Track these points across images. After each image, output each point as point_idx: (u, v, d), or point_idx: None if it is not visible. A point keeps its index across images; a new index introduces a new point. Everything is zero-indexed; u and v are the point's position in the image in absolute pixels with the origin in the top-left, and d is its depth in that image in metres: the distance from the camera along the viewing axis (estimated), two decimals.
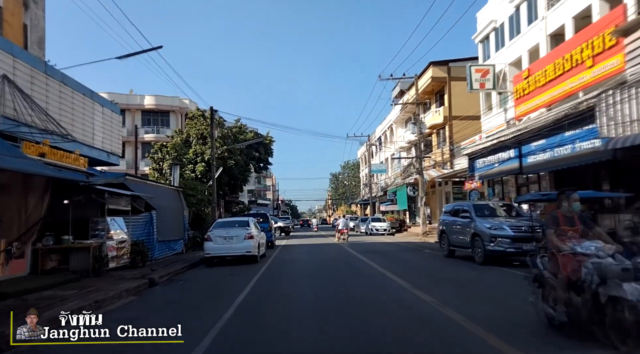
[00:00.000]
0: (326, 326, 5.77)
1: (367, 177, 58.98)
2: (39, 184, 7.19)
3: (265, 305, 7.52)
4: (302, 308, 7.09)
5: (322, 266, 13.28)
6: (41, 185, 7.21)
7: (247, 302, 7.69)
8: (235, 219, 16.45)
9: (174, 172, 21.37)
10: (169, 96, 44.71)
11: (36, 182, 7.14)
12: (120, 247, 12.93)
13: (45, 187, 7.19)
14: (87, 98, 13.50)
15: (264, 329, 5.81)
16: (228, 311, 6.87)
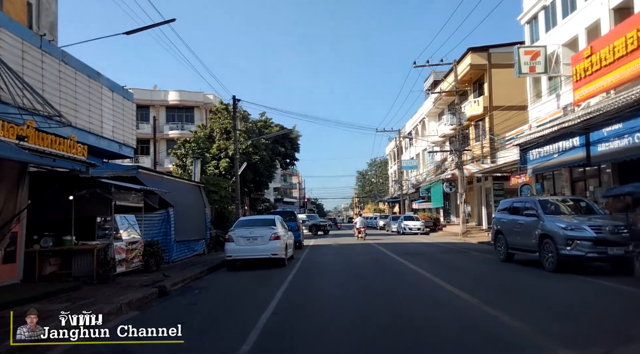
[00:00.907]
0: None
1: (397, 174, 56.75)
2: (11, 174, 5.58)
3: (296, 329, 5.74)
4: (344, 335, 5.28)
5: (360, 273, 11.42)
6: (13, 175, 5.60)
7: (273, 324, 5.92)
8: (260, 218, 14.75)
9: (195, 167, 19.89)
10: (193, 92, 43.75)
11: (7, 172, 5.52)
12: (131, 249, 11.41)
13: (18, 178, 5.56)
14: (93, 81, 12.03)
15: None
16: (248, 340, 5.12)
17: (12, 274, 8.69)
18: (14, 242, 8.75)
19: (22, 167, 5.86)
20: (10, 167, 5.81)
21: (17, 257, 8.82)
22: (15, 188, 5.80)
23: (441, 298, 7.45)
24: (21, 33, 9.04)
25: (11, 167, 5.82)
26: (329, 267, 12.58)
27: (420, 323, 5.70)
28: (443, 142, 39.61)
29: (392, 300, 7.39)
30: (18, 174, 5.87)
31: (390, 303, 7.12)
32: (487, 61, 31.11)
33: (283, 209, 37.50)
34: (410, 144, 51.33)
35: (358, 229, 27.26)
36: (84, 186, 10.24)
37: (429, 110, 42.48)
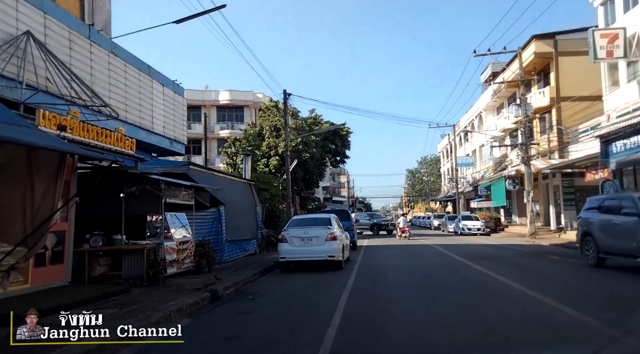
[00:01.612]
0: None
1: (451, 172, 54.40)
2: (49, 167, 4.96)
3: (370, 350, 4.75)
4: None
5: (428, 277, 10.27)
6: (52, 169, 4.97)
7: (342, 344, 4.95)
8: (315, 217, 13.87)
9: (245, 164, 19.33)
10: (243, 91, 43.91)
11: (45, 165, 4.90)
12: (182, 249, 10.84)
13: (56, 172, 4.93)
14: (143, 74, 11.59)
15: None
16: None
17: (60, 275, 8.27)
18: (62, 241, 8.34)
19: (61, 160, 5.24)
20: (48, 160, 5.21)
21: (65, 257, 8.40)
22: (53, 182, 5.19)
23: (545, 315, 6.18)
24: (68, 21, 8.62)
25: (49, 160, 5.21)
26: (392, 271, 11.47)
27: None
28: (503, 137, 37.28)
29: (478, 317, 6.22)
30: (56, 167, 5.25)
31: (477, 320, 5.96)
32: (554, 49, 28.70)
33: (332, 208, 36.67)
34: (466, 140, 48.98)
35: (401, 228, 27.75)
36: (134, 182, 9.75)
37: (487, 103, 40.19)
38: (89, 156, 6.12)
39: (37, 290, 7.56)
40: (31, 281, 7.53)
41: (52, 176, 5.32)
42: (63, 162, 5.35)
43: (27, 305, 6.29)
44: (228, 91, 43.24)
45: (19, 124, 5.12)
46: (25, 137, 4.57)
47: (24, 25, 7.29)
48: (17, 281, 7.35)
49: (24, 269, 7.47)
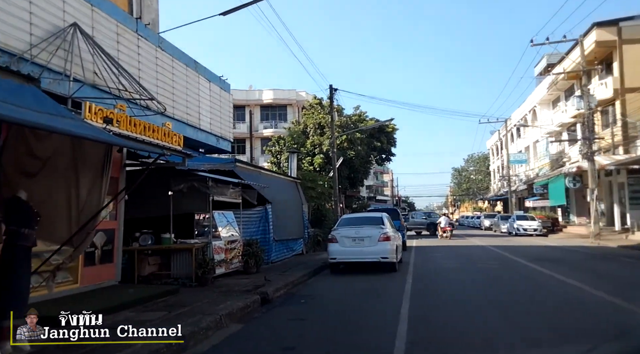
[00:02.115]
0: None
1: (501, 170, 52.10)
2: (94, 162, 4.62)
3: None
4: None
5: (494, 282, 9.43)
6: (97, 163, 4.63)
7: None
8: (366, 216, 13.20)
9: (290, 162, 18.94)
10: (286, 90, 43.87)
11: (90, 159, 4.57)
12: (230, 249, 10.51)
13: (102, 167, 4.58)
14: (190, 70, 11.35)
15: None
16: None
17: (109, 275, 8.08)
18: (111, 240, 8.15)
19: (106, 154, 4.91)
20: (93, 154, 4.88)
21: (115, 256, 8.20)
22: (99, 178, 4.86)
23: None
24: (116, 14, 8.43)
25: (95, 154, 4.89)
26: (452, 275, 10.66)
27: None
28: (560, 132, 35.14)
29: (574, 331, 5.40)
30: (102, 161, 4.91)
31: (580, 336, 5.16)
32: (617, 37, 26.61)
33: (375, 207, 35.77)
34: (518, 136, 46.69)
35: (443, 228, 27.67)
36: (181, 179, 9.49)
37: (542, 97, 38.00)
38: (135, 149, 5.78)
39: (86, 290, 7.37)
40: (81, 280, 7.34)
41: (98, 171, 4.99)
42: (109, 157, 5.02)
43: (76, 306, 6.06)
44: (272, 90, 43.32)
45: (63, 115, 4.82)
46: (68, 127, 4.23)
47: (71, 17, 7.11)
48: (66, 280, 7.20)
49: (74, 268, 7.31)
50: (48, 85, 6.72)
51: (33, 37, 6.49)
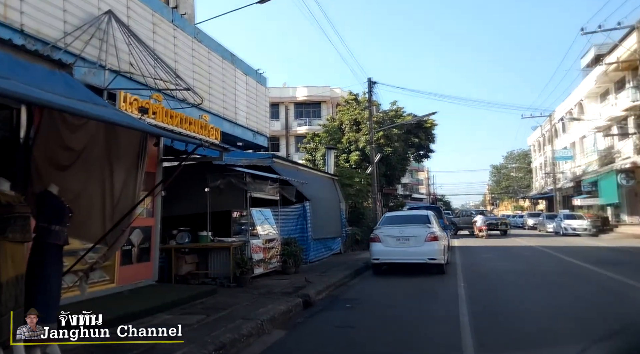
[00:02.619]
0: None
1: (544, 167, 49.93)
2: (128, 152, 4.21)
3: None
4: None
5: (555, 287, 8.59)
6: (131, 155, 4.23)
7: None
8: (411, 214, 12.49)
9: (328, 158, 18.41)
10: (320, 86, 43.36)
11: (124, 150, 4.17)
12: (268, 248, 10.09)
13: (137, 159, 4.17)
14: (227, 62, 10.99)
15: None
16: None
17: (146, 274, 7.77)
18: (148, 238, 7.85)
19: (141, 145, 4.50)
20: (128, 144, 4.49)
21: (152, 254, 7.89)
22: (134, 170, 4.47)
23: None
24: (151, 3, 8.12)
25: (129, 144, 4.49)
26: (507, 278, 9.88)
27: None
28: (609, 127, 33.16)
29: None
30: (137, 153, 4.51)
31: None
32: None
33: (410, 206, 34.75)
34: (563, 132, 44.50)
35: (479, 228, 27.14)
36: (218, 175, 9.12)
37: (589, 90, 35.94)
38: (172, 139, 5.38)
39: (123, 290, 7.07)
40: (117, 280, 7.05)
41: (133, 164, 4.60)
42: (144, 149, 4.62)
43: (111, 307, 5.73)
44: (306, 87, 42.92)
45: (97, 103, 4.44)
46: (102, 113, 3.84)
47: (106, 5, 6.81)
48: (103, 280, 6.92)
49: (110, 267, 7.02)
50: (83, 76, 6.44)
51: (67, 25, 6.21)
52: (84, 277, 4.56)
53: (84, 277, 4.56)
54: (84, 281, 4.55)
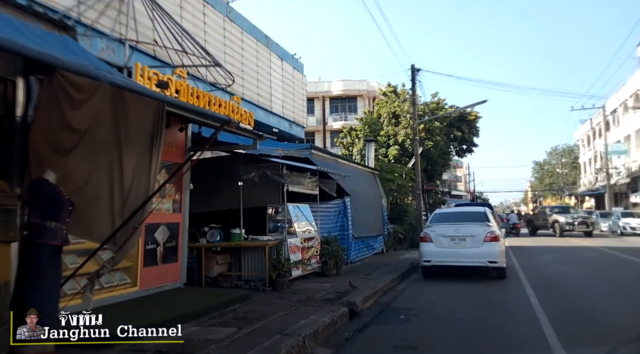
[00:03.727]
0: None
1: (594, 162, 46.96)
2: (141, 131, 3.32)
3: None
4: None
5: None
6: (144, 133, 3.32)
7: None
8: (466, 210, 11.24)
9: (368, 151, 17.32)
10: (356, 80, 42.21)
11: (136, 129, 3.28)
12: (307, 247, 9.15)
13: (151, 139, 3.26)
14: (261, 45, 10.11)
15: None
16: None
17: (173, 276, 6.97)
18: (175, 236, 7.04)
19: (156, 126, 3.61)
20: (140, 123, 3.60)
21: (179, 254, 7.08)
22: (147, 155, 3.57)
23: None
24: None
25: (142, 121, 3.60)
26: (577, 284, 8.59)
27: None
28: None
29: None
30: (151, 133, 3.61)
31: None
32: None
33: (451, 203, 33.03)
34: (615, 124, 41.54)
35: (512, 225, 26.25)
36: (251, 167, 8.24)
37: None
38: (193, 114, 4.43)
39: (147, 294, 6.29)
40: (140, 283, 6.27)
41: (146, 147, 3.73)
42: (160, 129, 3.72)
43: (129, 316, 4.91)
44: (341, 81, 41.90)
45: (102, 69, 3.58)
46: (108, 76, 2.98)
47: None
48: (124, 283, 6.15)
49: (132, 269, 6.25)
50: (100, 52, 5.65)
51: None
52: (89, 285, 3.72)
53: (89, 285, 3.72)
54: (89, 289, 3.71)
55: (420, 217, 18.18)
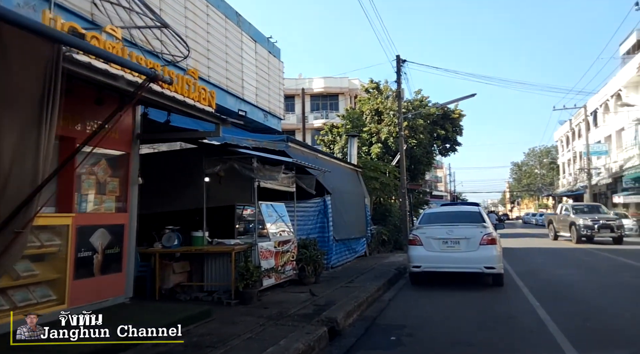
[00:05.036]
0: None
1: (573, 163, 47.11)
2: (25, 91, 2.10)
3: None
4: None
5: None
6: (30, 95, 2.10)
7: None
8: (458, 210, 10.20)
9: (350, 147, 16.27)
10: (338, 78, 41.39)
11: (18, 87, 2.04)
12: (282, 252, 8.00)
13: (40, 102, 2.05)
14: (231, 23, 8.93)
15: None
16: None
17: (116, 289, 5.75)
18: (119, 240, 5.82)
19: (49, 81, 2.40)
20: (23, 77, 2.39)
21: (124, 263, 5.86)
22: (35, 129, 2.37)
23: None
24: None
25: (25, 77, 2.41)
26: (582, 288, 7.66)
27: None
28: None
29: None
30: (40, 95, 2.42)
31: None
32: None
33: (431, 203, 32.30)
34: (595, 125, 41.57)
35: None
36: (217, 159, 7.07)
37: (629, 79, 33.17)
38: (106, 60, 3.24)
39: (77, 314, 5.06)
40: (69, 300, 5.05)
41: (33, 115, 2.53)
42: (53, 85, 2.54)
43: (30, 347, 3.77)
44: (322, 78, 40.96)
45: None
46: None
47: None
48: (47, 300, 4.91)
49: (58, 282, 5.03)
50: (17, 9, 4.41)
51: None
52: None
53: None
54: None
55: (405, 218, 17.23)
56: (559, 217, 21.69)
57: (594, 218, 18.70)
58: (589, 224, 18.44)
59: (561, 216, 21.47)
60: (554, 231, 21.86)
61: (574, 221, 19.25)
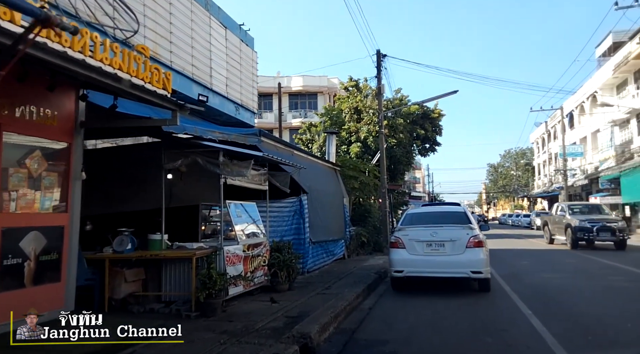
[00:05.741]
0: None
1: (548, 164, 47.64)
2: None
3: None
4: None
5: None
6: None
7: None
8: (443, 210, 9.57)
9: (329, 144, 15.62)
10: (317, 76, 40.78)
11: None
12: (252, 256, 7.27)
13: None
14: (198, 5, 8.15)
15: None
16: None
17: (54, 302, 4.94)
18: (58, 245, 5.00)
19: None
20: None
21: (63, 271, 5.05)
22: None
23: None
24: None
25: None
26: (579, 298, 7.19)
27: None
28: (627, 120, 30.84)
29: None
30: None
31: None
32: None
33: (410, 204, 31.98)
34: (571, 127, 42.05)
35: None
36: (178, 153, 6.30)
37: (605, 81, 33.55)
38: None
39: (4, 332, 4.26)
40: None
41: None
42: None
43: None
44: (301, 77, 40.27)
45: None
46: None
47: None
48: None
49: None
50: None
51: None
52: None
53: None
54: None
55: (385, 219, 16.67)
56: (554, 219, 19.13)
57: (591, 219, 16.08)
58: (586, 227, 15.77)
59: (556, 216, 18.88)
60: (549, 234, 19.58)
61: (569, 222, 16.67)
